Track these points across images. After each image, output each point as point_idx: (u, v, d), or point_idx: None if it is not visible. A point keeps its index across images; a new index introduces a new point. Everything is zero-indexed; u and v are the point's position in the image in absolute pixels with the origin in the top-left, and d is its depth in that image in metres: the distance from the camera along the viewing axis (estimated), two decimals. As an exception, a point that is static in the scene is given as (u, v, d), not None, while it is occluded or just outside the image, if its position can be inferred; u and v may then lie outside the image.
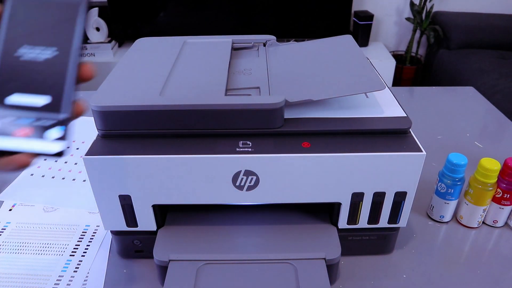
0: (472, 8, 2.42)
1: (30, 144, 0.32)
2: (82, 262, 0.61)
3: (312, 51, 0.69)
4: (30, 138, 0.32)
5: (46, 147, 0.32)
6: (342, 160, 0.50)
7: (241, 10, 2.25)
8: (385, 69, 2.24)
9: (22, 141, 0.32)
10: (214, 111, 0.50)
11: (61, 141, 0.32)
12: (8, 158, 0.32)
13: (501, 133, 0.98)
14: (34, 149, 0.32)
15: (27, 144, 0.32)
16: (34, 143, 0.32)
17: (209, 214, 0.61)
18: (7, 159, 0.32)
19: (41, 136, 0.32)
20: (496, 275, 0.60)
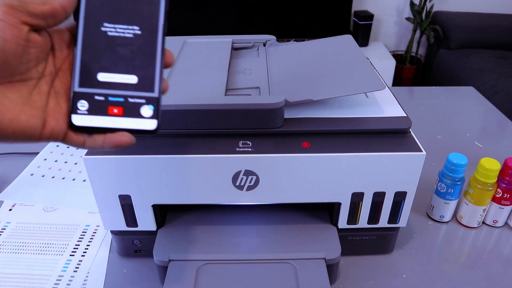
0: (472, 8, 2.43)
1: (126, 122, 0.32)
2: (82, 262, 0.61)
3: (312, 51, 0.69)
4: (125, 116, 0.32)
5: (142, 124, 0.33)
6: (342, 160, 0.50)
7: (241, 10, 2.25)
8: (385, 69, 2.24)
9: (118, 119, 0.32)
10: (214, 111, 0.50)
11: (153, 119, 0.33)
12: (108, 136, 0.33)
13: (501, 133, 0.98)
14: (131, 127, 0.32)
15: (123, 122, 0.32)
16: (130, 121, 0.32)
17: (209, 214, 0.61)
18: (107, 136, 0.33)
19: (136, 114, 0.32)
20: (496, 275, 0.60)
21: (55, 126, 0.32)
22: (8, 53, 0.29)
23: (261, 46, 0.75)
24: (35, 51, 0.31)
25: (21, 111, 0.30)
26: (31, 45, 0.30)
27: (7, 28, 0.28)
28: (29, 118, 0.30)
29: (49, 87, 0.32)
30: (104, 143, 0.33)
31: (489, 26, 2.24)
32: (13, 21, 0.29)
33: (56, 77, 0.33)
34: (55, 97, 0.32)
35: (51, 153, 0.86)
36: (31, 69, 0.31)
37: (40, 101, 0.31)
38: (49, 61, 0.32)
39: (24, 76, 0.31)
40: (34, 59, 0.31)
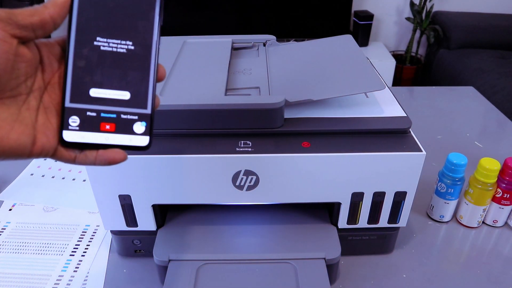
0: (472, 8, 2.43)
1: (118, 138, 0.32)
2: (82, 262, 0.61)
3: (312, 51, 0.69)
4: (117, 132, 0.32)
5: (134, 141, 0.33)
6: (342, 160, 0.50)
7: (241, 10, 2.25)
8: (385, 69, 2.24)
9: (111, 135, 0.32)
10: (214, 111, 0.50)
11: (146, 135, 0.33)
12: (100, 152, 0.32)
13: (501, 133, 0.98)
14: (123, 143, 0.32)
15: (115, 138, 0.32)
16: (122, 138, 0.32)
17: (209, 214, 0.61)
18: (99, 153, 0.32)
19: (128, 131, 0.32)
20: (496, 275, 0.60)
21: (45, 142, 0.31)
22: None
23: (261, 46, 0.75)
24: (24, 66, 0.30)
25: (11, 129, 0.29)
26: (20, 60, 0.29)
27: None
28: (19, 136, 0.29)
29: (38, 103, 0.31)
30: (97, 159, 0.32)
31: (489, 26, 2.24)
32: (2, 35, 0.28)
33: (45, 91, 0.32)
34: (44, 112, 0.31)
35: (51, 153, 0.86)
36: (21, 84, 0.30)
37: (29, 117, 0.30)
38: (38, 76, 0.31)
39: (14, 92, 0.30)
40: (23, 74, 0.30)
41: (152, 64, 0.33)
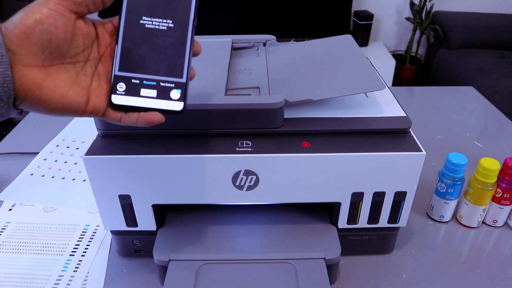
0: (472, 8, 2.42)
1: (157, 103, 0.38)
2: (82, 262, 0.61)
3: (312, 51, 0.69)
4: (156, 98, 0.38)
5: (170, 106, 0.38)
6: (342, 160, 0.50)
7: (241, 10, 2.25)
8: (385, 69, 2.24)
9: (151, 100, 0.38)
10: (214, 111, 0.50)
11: (180, 101, 0.38)
12: (142, 114, 0.38)
13: (501, 133, 0.98)
14: (161, 107, 0.38)
15: (155, 103, 0.38)
16: (161, 102, 0.38)
17: (209, 214, 0.61)
18: (140, 115, 0.38)
19: (166, 97, 0.38)
20: (496, 275, 0.60)
21: (97, 103, 0.37)
22: (60, 38, 0.34)
23: (261, 46, 0.75)
24: (82, 38, 0.36)
25: (70, 89, 0.35)
26: (78, 32, 0.36)
27: (59, 17, 0.34)
28: (76, 95, 0.36)
29: (93, 70, 0.38)
30: (138, 120, 0.38)
31: (489, 26, 2.24)
32: (63, 10, 0.34)
33: (99, 61, 0.38)
34: (98, 79, 0.38)
35: (51, 153, 0.86)
36: (79, 53, 0.36)
37: (85, 81, 0.37)
38: (94, 48, 0.38)
39: (73, 59, 0.36)
40: (81, 45, 0.36)
41: (188, 40, 0.38)
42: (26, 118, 1.00)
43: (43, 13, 0.33)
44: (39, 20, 0.33)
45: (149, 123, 0.38)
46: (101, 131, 0.52)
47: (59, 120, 0.97)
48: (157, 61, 0.38)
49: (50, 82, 0.35)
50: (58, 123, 0.96)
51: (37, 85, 0.34)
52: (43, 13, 0.33)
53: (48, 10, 0.34)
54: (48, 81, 0.34)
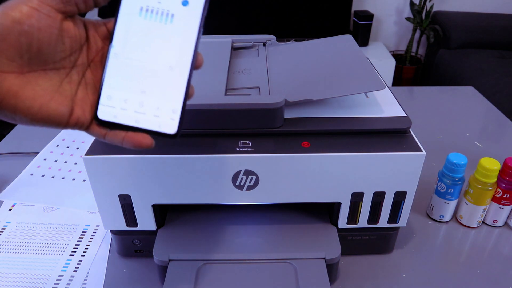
0: (472, 8, 2.43)
1: (148, 123, 0.33)
2: (82, 262, 0.61)
3: (312, 51, 0.69)
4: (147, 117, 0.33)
5: (163, 128, 0.33)
6: (342, 159, 0.50)
7: (241, 10, 2.25)
8: (385, 69, 2.24)
9: (141, 119, 0.33)
10: (214, 111, 0.50)
11: (175, 124, 0.33)
12: (129, 134, 0.33)
13: (501, 133, 0.98)
14: (152, 128, 0.33)
15: (145, 123, 0.33)
16: (151, 123, 0.33)
17: (209, 214, 0.61)
18: (128, 134, 0.33)
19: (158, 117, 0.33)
20: (496, 275, 0.60)
21: (81, 115, 0.33)
22: (42, 42, 0.30)
23: (261, 46, 0.75)
24: (69, 41, 0.32)
25: (51, 99, 0.31)
26: (65, 35, 0.31)
27: (42, 17, 0.29)
28: (58, 106, 0.31)
29: (80, 78, 0.33)
30: (124, 140, 0.33)
31: (489, 26, 2.24)
32: (47, 9, 0.30)
33: (88, 68, 0.34)
34: (85, 87, 0.33)
35: (51, 153, 0.86)
36: (65, 58, 0.32)
37: (69, 90, 0.32)
38: (83, 52, 0.33)
39: (57, 65, 0.32)
40: (68, 48, 0.32)
41: (191, 54, 0.33)
42: (26, 118, 1.00)
43: (23, 12, 0.29)
44: (18, 20, 0.29)
45: (137, 145, 0.33)
46: (101, 131, 0.52)
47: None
48: (153, 75, 0.33)
49: (28, 91, 0.30)
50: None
51: (13, 94, 0.30)
52: (23, 12, 0.29)
53: (29, 8, 0.29)
54: (26, 90, 0.30)
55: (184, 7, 0.33)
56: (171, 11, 0.33)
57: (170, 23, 0.33)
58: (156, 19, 0.33)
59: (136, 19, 0.33)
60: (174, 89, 0.33)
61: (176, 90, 0.33)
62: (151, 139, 0.34)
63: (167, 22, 0.33)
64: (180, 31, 0.33)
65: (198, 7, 0.33)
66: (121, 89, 0.33)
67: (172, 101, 0.33)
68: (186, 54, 0.33)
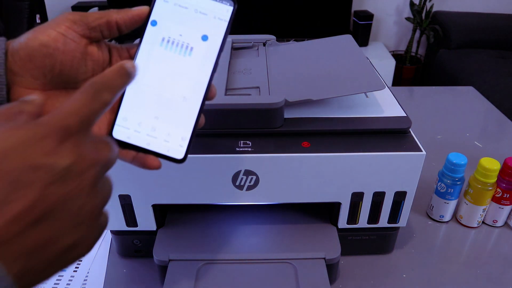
0: (472, 8, 2.42)
1: (157, 147, 0.35)
2: (82, 262, 0.61)
3: (312, 51, 0.69)
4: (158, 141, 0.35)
5: (171, 152, 0.35)
6: (342, 159, 0.50)
7: (241, 10, 2.24)
8: (385, 69, 2.24)
9: (152, 143, 0.35)
10: (214, 111, 0.50)
11: (183, 150, 0.35)
12: (139, 155, 0.35)
13: (501, 133, 0.98)
14: (161, 152, 0.35)
15: (155, 147, 0.35)
16: (161, 147, 0.35)
17: (209, 214, 0.61)
18: (138, 155, 0.35)
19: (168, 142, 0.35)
20: (496, 275, 0.60)
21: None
22: (65, 64, 0.32)
23: (261, 46, 0.75)
24: (91, 64, 0.34)
25: None
26: (88, 58, 0.34)
27: (68, 42, 0.32)
28: None
29: None
30: (135, 159, 0.35)
31: (489, 26, 2.24)
32: (73, 35, 0.32)
33: None
34: None
35: (51, 153, 0.86)
36: (86, 79, 0.34)
37: None
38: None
39: (78, 85, 0.34)
40: (90, 70, 0.34)
41: (204, 88, 0.35)
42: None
43: (51, 36, 0.32)
44: (45, 44, 0.31)
45: (145, 166, 0.36)
46: (101, 131, 0.52)
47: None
48: (166, 103, 0.35)
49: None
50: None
51: None
52: (51, 36, 0.32)
53: (56, 33, 0.32)
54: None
55: (204, 42, 0.35)
56: (191, 44, 0.35)
57: (189, 55, 0.35)
58: (176, 51, 0.35)
59: (157, 48, 0.35)
60: (186, 118, 0.35)
61: (188, 119, 0.35)
62: (159, 162, 0.36)
63: (186, 55, 0.35)
64: (197, 64, 0.35)
65: (217, 43, 0.35)
66: (136, 112, 0.35)
67: (183, 129, 0.35)
68: (201, 86, 0.35)
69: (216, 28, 0.35)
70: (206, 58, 0.35)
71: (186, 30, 0.35)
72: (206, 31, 0.35)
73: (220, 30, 0.35)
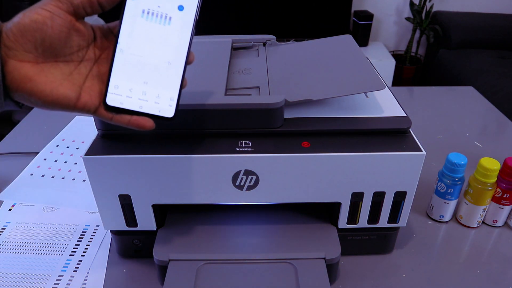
0: (472, 8, 2.43)
1: (150, 108, 0.39)
2: (82, 262, 0.61)
3: (312, 51, 0.69)
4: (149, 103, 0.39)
5: (162, 112, 0.40)
6: (342, 159, 0.50)
7: (241, 10, 2.25)
8: (385, 68, 2.24)
9: (143, 105, 0.39)
10: (214, 111, 0.50)
11: (172, 108, 0.40)
12: (134, 117, 0.40)
13: (501, 133, 0.98)
14: (153, 113, 0.39)
15: (147, 108, 0.39)
16: (153, 108, 0.39)
17: (209, 214, 0.61)
18: (133, 117, 0.40)
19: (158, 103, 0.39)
20: (495, 275, 0.60)
21: (88, 100, 0.39)
22: (53, 37, 0.36)
23: (261, 46, 0.75)
24: (77, 39, 0.38)
25: (60, 85, 0.37)
26: (74, 34, 0.38)
27: (55, 18, 0.36)
28: (66, 91, 0.37)
29: (88, 70, 0.39)
30: (130, 122, 0.40)
31: (489, 26, 2.24)
32: (59, 12, 0.36)
33: (95, 63, 0.40)
34: (92, 79, 0.39)
35: (51, 153, 0.86)
36: (73, 53, 0.39)
37: (78, 79, 0.39)
38: (90, 49, 0.40)
39: (67, 58, 0.38)
40: (76, 45, 0.38)
41: (185, 51, 0.39)
42: (26, 118, 1.00)
43: (40, 14, 0.36)
44: (35, 20, 0.35)
45: (140, 127, 0.40)
46: (101, 131, 0.52)
47: (59, 120, 0.97)
48: (152, 68, 0.39)
49: (41, 77, 0.37)
50: (58, 123, 0.96)
51: (28, 79, 0.36)
52: (40, 14, 0.36)
53: (45, 11, 0.36)
54: (40, 76, 0.37)
55: (180, 12, 0.39)
56: (169, 14, 0.39)
57: (168, 24, 0.39)
58: (156, 21, 0.38)
59: (139, 20, 0.38)
60: (172, 81, 0.39)
61: (174, 81, 0.39)
62: (152, 122, 0.40)
63: (166, 24, 0.39)
64: (176, 31, 0.39)
65: (192, 12, 0.39)
66: (126, 79, 0.39)
67: (170, 90, 0.39)
68: (182, 51, 0.39)
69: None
70: (184, 26, 0.39)
71: (163, 1, 0.38)
72: (182, 1, 0.39)
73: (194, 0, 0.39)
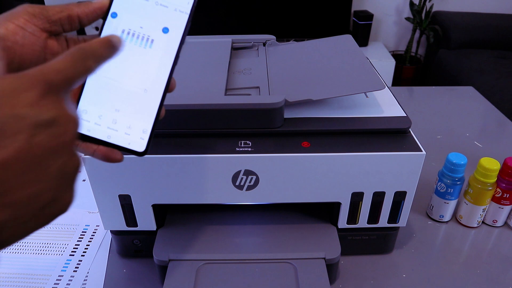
0: (472, 8, 2.42)
1: (118, 140, 0.35)
2: (81, 262, 0.61)
3: (312, 51, 0.69)
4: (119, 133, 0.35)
5: (132, 145, 0.35)
6: (342, 159, 0.50)
7: (241, 10, 2.25)
8: (385, 69, 2.24)
9: (112, 135, 0.35)
10: (214, 111, 0.50)
11: (144, 142, 0.35)
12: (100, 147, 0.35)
13: (500, 133, 0.98)
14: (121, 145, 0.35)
15: (116, 139, 0.35)
16: (122, 139, 0.35)
17: (209, 214, 0.61)
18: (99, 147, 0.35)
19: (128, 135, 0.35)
20: (495, 275, 0.60)
21: None
22: (25, 58, 0.31)
23: (261, 46, 0.75)
24: (51, 57, 0.33)
25: None
26: (48, 52, 0.33)
27: (26, 35, 0.31)
28: None
29: None
30: (95, 152, 0.35)
31: (489, 26, 2.24)
32: (33, 29, 0.31)
33: None
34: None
35: (51, 153, 0.86)
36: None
37: None
38: None
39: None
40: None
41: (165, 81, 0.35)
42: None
43: (9, 29, 0.30)
44: (2, 36, 0.30)
45: (107, 159, 0.35)
46: (101, 131, 0.52)
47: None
48: (126, 95, 0.35)
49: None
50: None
51: None
52: (9, 29, 0.30)
53: (15, 26, 0.30)
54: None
55: (164, 34, 0.35)
56: (152, 36, 0.35)
57: (150, 48, 0.35)
58: (136, 43, 0.34)
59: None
60: (147, 111, 0.35)
61: (148, 111, 0.35)
62: (121, 155, 0.35)
63: (147, 47, 0.34)
64: (158, 56, 0.35)
65: (177, 36, 0.35)
66: (96, 105, 0.34)
67: (144, 122, 0.35)
68: (161, 78, 0.35)
69: (177, 21, 0.35)
70: (167, 51, 0.35)
71: (147, 22, 0.35)
72: (167, 23, 0.35)
73: (181, 23, 0.35)
